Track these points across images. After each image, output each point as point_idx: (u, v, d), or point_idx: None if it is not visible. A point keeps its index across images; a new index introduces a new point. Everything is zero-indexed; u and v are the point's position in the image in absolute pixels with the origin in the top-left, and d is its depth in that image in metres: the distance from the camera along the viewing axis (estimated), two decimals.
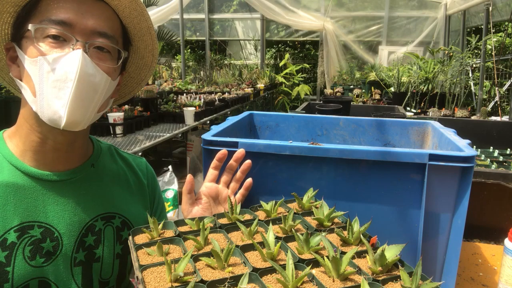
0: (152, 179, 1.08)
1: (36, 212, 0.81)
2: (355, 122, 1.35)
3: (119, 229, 0.92)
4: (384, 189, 0.90)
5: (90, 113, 0.80)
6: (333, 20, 7.71)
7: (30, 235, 0.80)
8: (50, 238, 0.81)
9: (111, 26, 0.83)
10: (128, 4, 0.84)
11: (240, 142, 0.94)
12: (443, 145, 1.07)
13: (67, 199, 0.85)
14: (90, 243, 0.87)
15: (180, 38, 6.49)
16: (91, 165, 0.92)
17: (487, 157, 1.90)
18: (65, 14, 0.77)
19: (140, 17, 0.88)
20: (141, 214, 0.98)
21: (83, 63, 0.75)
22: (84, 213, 0.87)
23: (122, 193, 0.96)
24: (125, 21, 0.88)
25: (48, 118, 0.76)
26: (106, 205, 0.91)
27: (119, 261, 0.92)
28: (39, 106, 0.77)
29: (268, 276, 0.62)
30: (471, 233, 1.47)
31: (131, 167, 1.03)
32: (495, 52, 5.00)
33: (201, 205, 0.92)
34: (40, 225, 0.81)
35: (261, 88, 6.35)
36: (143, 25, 0.89)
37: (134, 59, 0.97)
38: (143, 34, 0.91)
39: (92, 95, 0.79)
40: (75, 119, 0.77)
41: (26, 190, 0.81)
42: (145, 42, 0.94)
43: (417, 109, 4.08)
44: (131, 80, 1.02)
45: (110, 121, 2.99)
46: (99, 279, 0.89)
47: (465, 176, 0.84)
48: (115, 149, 1.03)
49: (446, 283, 0.89)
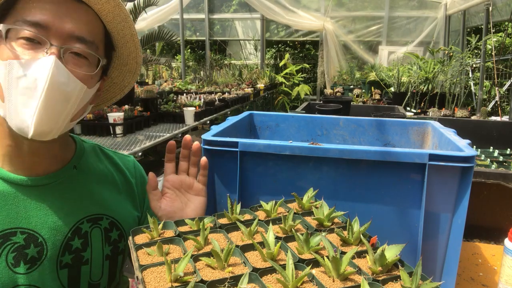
0: (141, 177, 1.05)
1: (18, 218, 0.79)
2: (355, 122, 1.35)
3: (107, 230, 0.90)
4: (384, 189, 0.90)
5: (62, 123, 0.76)
6: (333, 20, 7.71)
7: (13, 242, 0.77)
8: (34, 243, 0.79)
9: (91, 30, 0.79)
10: (111, 9, 0.79)
11: (240, 142, 0.94)
12: (443, 145, 1.07)
13: (50, 203, 0.83)
14: (77, 246, 0.85)
15: (180, 38, 6.49)
16: (73, 167, 0.89)
17: (487, 157, 1.90)
18: (41, 16, 0.73)
19: (124, 23, 0.84)
20: (130, 214, 0.97)
21: (54, 71, 0.71)
22: (69, 216, 0.85)
23: (109, 193, 0.94)
24: (109, 26, 0.84)
25: (15, 126, 0.73)
26: (92, 207, 0.89)
27: (108, 262, 0.90)
28: (7, 112, 0.73)
29: (268, 276, 0.62)
30: (471, 233, 1.47)
31: (117, 166, 1.00)
32: (495, 52, 5.00)
33: (168, 198, 0.90)
34: (23, 231, 0.79)
35: (261, 88, 6.35)
36: (127, 32, 0.85)
37: (117, 65, 0.93)
38: (127, 41, 0.88)
39: (63, 105, 0.74)
40: (43, 130, 0.73)
41: (6, 197, 0.79)
42: (128, 49, 0.90)
43: (417, 109, 4.09)
44: (114, 86, 0.98)
45: (110, 121, 3.00)
46: (89, 281, 0.87)
47: (465, 176, 0.84)
48: (100, 148, 1.01)
49: (446, 283, 0.89)
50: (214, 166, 0.98)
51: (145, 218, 1.02)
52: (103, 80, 0.88)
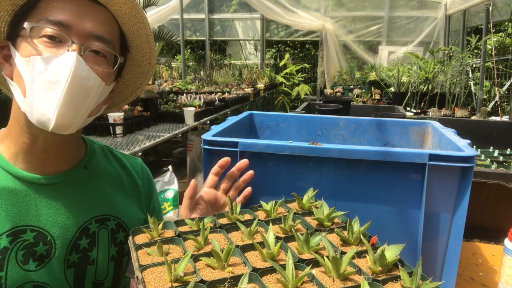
0: (147, 180, 1.06)
1: (29, 216, 0.80)
2: (355, 122, 1.35)
3: (114, 231, 0.91)
4: (384, 189, 0.90)
5: (81, 117, 0.79)
6: (333, 20, 7.71)
7: (23, 239, 0.79)
8: (43, 241, 0.80)
9: (109, 30, 0.82)
10: (128, 11, 0.83)
11: (240, 142, 0.94)
12: (443, 145, 1.07)
13: (60, 202, 0.84)
14: (85, 246, 0.86)
15: (180, 38, 6.49)
16: (84, 167, 0.90)
17: (487, 157, 1.90)
18: (63, 15, 0.76)
19: (140, 24, 0.86)
20: (136, 216, 0.98)
21: (76, 66, 0.74)
22: (78, 216, 0.86)
23: (117, 194, 0.95)
24: (124, 28, 0.87)
25: (36, 119, 0.75)
26: (100, 208, 0.90)
27: (114, 263, 0.91)
28: (28, 107, 0.75)
29: (268, 276, 0.62)
30: (471, 233, 1.47)
31: (125, 167, 1.01)
32: (495, 52, 5.00)
33: (200, 211, 0.91)
34: (32, 229, 0.80)
35: (261, 88, 6.35)
36: (142, 32, 0.88)
37: (130, 66, 0.96)
38: (142, 41, 0.90)
39: (83, 99, 0.77)
40: (64, 122, 0.75)
41: (18, 195, 0.80)
42: (143, 50, 0.92)
43: (417, 109, 4.09)
44: (126, 87, 1.00)
45: (110, 121, 2.99)
46: (93, 281, 0.88)
47: (465, 176, 0.84)
48: (109, 150, 1.02)
49: (446, 283, 0.89)
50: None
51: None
52: (117, 81, 0.91)
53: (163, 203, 2.99)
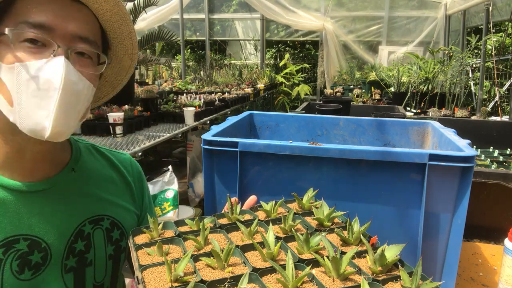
0: (138, 176, 1.04)
1: (20, 226, 0.78)
2: (355, 122, 1.35)
3: (109, 230, 0.90)
4: (384, 189, 0.90)
5: (74, 123, 0.76)
6: (333, 20, 7.70)
7: (16, 249, 0.77)
8: (37, 249, 0.79)
9: (91, 30, 0.79)
10: (109, 8, 0.79)
11: (240, 142, 0.94)
12: (443, 145, 1.07)
13: (51, 208, 0.82)
14: (81, 248, 0.85)
15: (180, 38, 6.49)
16: (71, 170, 0.88)
17: (487, 157, 1.90)
18: (44, 17, 0.72)
19: (121, 21, 0.83)
20: (129, 213, 0.97)
21: (67, 71, 0.71)
22: (71, 219, 0.84)
23: (108, 193, 0.94)
24: (105, 25, 0.83)
25: (29, 129, 0.71)
26: (92, 209, 0.89)
27: (112, 262, 0.91)
28: (18, 117, 0.71)
29: (268, 276, 0.62)
30: (471, 233, 1.47)
31: (113, 164, 1.00)
32: (495, 52, 5.00)
33: None
34: (25, 238, 0.78)
35: (261, 88, 6.35)
36: (124, 29, 0.85)
37: (111, 63, 0.93)
38: (123, 38, 0.87)
39: (75, 104, 0.75)
40: (60, 130, 0.73)
41: (6, 205, 0.78)
42: (124, 47, 0.89)
43: (417, 109, 4.08)
44: (106, 84, 0.97)
45: (110, 121, 2.99)
46: (93, 283, 0.87)
47: (465, 176, 0.84)
48: (94, 148, 1.00)
49: (446, 283, 0.89)
50: (214, 166, 0.98)
51: (144, 216, 1.02)
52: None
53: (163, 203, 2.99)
